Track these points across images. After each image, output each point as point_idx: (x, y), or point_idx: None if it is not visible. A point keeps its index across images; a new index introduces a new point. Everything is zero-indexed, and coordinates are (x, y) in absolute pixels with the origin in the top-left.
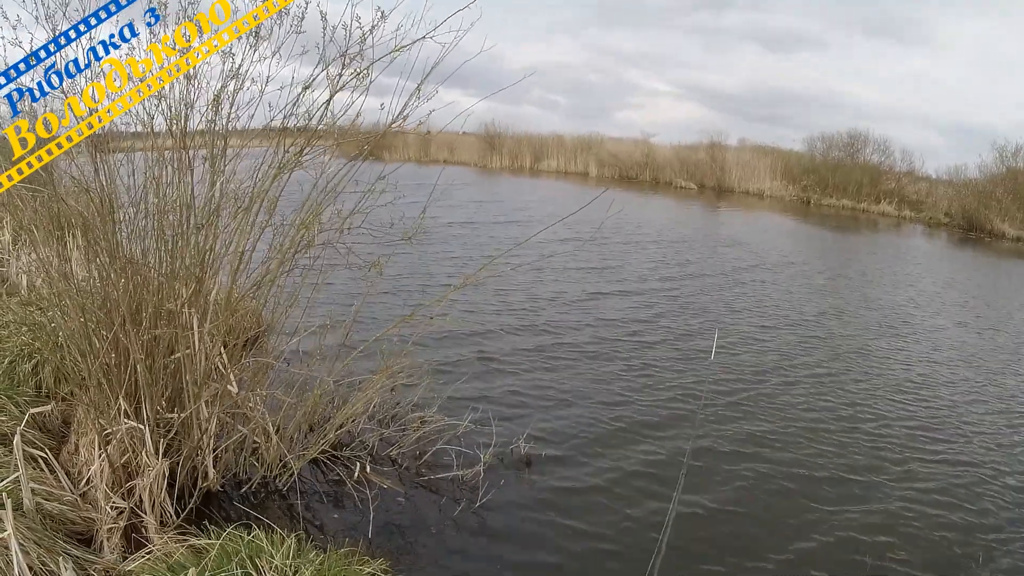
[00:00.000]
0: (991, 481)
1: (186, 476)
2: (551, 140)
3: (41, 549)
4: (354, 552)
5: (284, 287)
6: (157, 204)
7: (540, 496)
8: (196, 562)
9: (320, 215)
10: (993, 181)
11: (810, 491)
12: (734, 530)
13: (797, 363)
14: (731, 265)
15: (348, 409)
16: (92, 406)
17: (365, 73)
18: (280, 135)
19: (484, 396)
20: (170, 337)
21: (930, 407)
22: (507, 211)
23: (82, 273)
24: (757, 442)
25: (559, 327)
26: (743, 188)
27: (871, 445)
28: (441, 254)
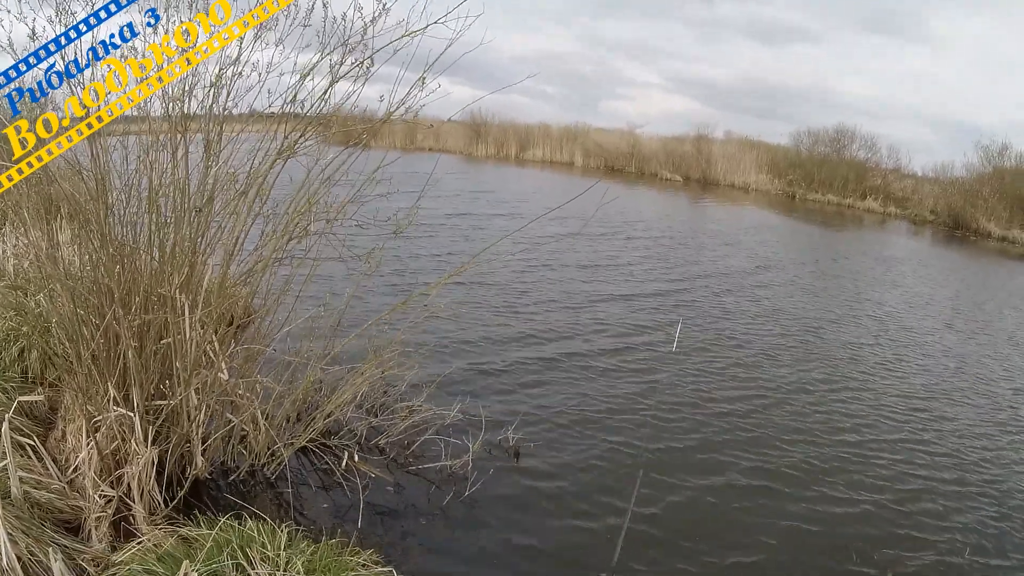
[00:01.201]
0: (971, 481)
1: (174, 464)
2: (537, 129)
3: (30, 539)
4: (345, 543)
5: (276, 275)
6: (151, 188)
7: (528, 486)
8: (187, 553)
9: (315, 203)
10: (980, 180)
11: (773, 481)
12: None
13: (786, 361)
14: (720, 264)
15: (337, 398)
16: (80, 392)
17: (368, 63)
18: (278, 121)
19: (473, 386)
20: (160, 323)
21: (923, 412)
22: (497, 202)
23: (72, 257)
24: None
25: (547, 317)
26: (728, 181)
27: (853, 443)
28: (431, 245)
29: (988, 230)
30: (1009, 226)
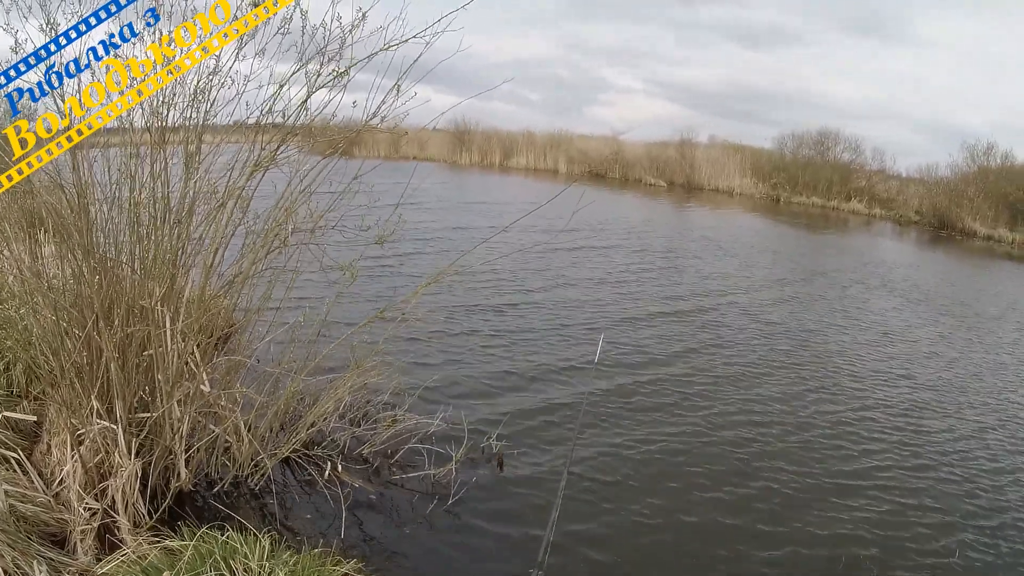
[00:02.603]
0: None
1: (158, 476)
2: (521, 137)
3: (15, 552)
4: (328, 552)
5: (257, 286)
6: (131, 200)
7: (512, 494)
8: (170, 564)
9: (294, 214)
10: (965, 179)
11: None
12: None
13: (778, 359)
14: (706, 270)
15: (319, 408)
16: (64, 405)
17: (344, 72)
18: (256, 132)
19: (456, 394)
20: (142, 336)
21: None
22: (480, 209)
23: (54, 270)
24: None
25: (530, 323)
26: (713, 185)
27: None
28: (413, 253)
29: (974, 229)
30: (995, 225)
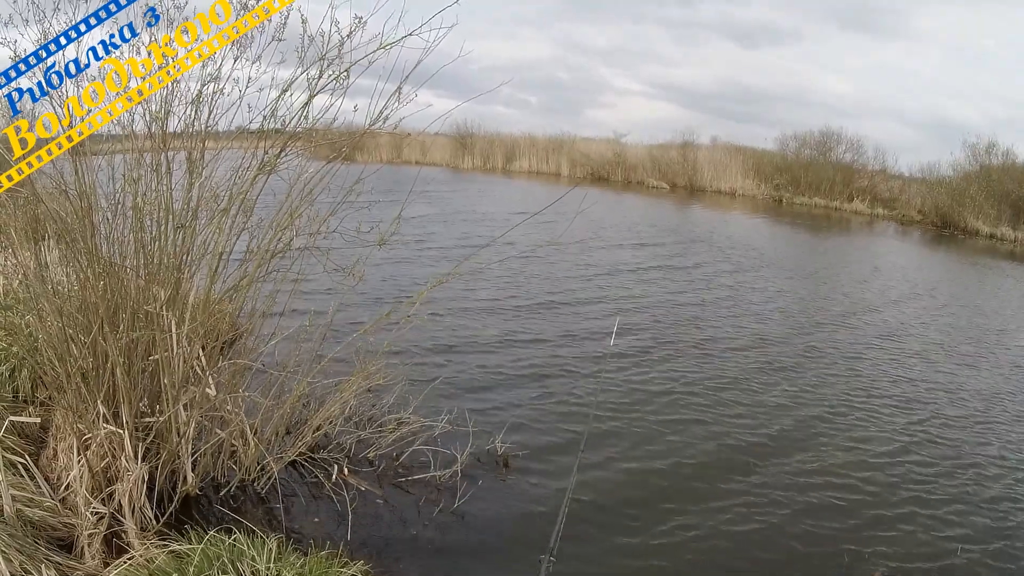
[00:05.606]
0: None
1: (165, 480)
2: (523, 140)
3: (23, 556)
4: (335, 554)
5: (261, 290)
6: (135, 206)
7: (518, 496)
8: (178, 567)
9: (297, 218)
10: (967, 179)
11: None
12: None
13: (776, 360)
14: (710, 269)
15: (325, 411)
16: (70, 410)
17: (343, 76)
18: (259, 137)
19: (461, 396)
20: (148, 340)
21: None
22: (484, 214)
23: (60, 276)
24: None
25: (535, 325)
26: (715, 187)
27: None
28: (417, 256)
29: (976, 228)
30: (997, 223)
